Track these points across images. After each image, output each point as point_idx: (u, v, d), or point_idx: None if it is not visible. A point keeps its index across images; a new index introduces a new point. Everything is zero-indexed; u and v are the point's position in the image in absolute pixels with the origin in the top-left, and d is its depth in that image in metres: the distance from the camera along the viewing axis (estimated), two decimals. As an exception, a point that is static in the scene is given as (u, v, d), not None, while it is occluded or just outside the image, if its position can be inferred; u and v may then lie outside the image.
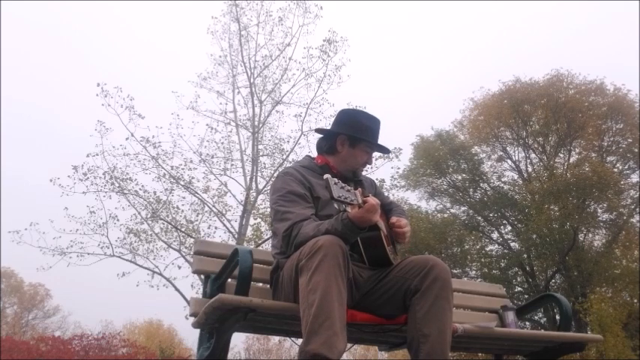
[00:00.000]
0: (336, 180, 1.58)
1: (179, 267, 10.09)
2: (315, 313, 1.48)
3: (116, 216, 10.15)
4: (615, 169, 16.12)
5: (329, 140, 2.07)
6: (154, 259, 10.30)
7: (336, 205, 1.64)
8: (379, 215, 1.75)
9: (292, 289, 1.70)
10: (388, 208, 2.17)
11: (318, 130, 2.19)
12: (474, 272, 16.22)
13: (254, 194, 10.18)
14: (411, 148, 17.27)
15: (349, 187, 1.61)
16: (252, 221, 10.47)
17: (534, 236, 15.11)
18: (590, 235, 16.28)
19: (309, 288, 1.52)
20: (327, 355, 1.44)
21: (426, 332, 1.64)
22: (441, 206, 17.74)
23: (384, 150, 2.14)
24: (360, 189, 1.68)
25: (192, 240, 9.93)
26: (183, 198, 10.51)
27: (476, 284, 3.24)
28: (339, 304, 1.51)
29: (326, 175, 1.58)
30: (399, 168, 12.13)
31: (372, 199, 1.65)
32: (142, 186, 10.19)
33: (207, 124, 10.67)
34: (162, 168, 10.22)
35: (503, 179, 17.72)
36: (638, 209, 15.72)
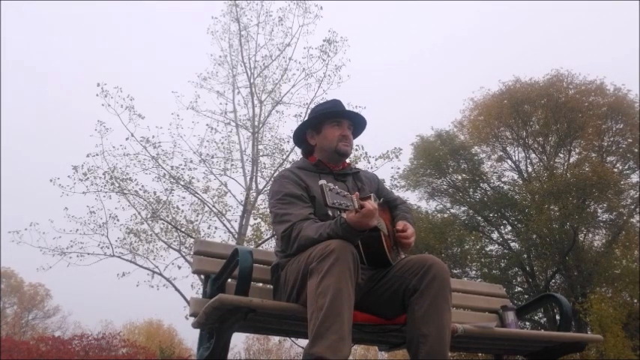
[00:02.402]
0: (331, 186, 1.57)
1: (179, 267, 10.08)
2: (323, 316, 1.47)
3: (116, 216, 10.13)
4: (615, 169, 16.11)
5: (303, 143, 2.10)
6: (154, 259, 10.27)
7: (330, 212, 1.64)
8: (378, 215, 1.75)
9: (296, 291, 1.70)
10: (393, 205, 2.16)
11: (295, 140, 2.19)
12: (474, 272, 16.22)
13: (254, 194, 10.17)
14: (411, 148, 17.28)
15: (345, 193, 1.61)
16: (252, 221, 10.46)
17: (534, 236, 15.11)
18: (590, 235, 16.29)
19: (319, 291, 1.52)
20: (331, 359, 1.44)
21: (425, 332, 1.63)
22: (441, 206, 17.76)
23: (355, 115, 2.06)
24: (356, 193, 1.67)
25: (192, 240, 9.92)
26: (183, 198, 10.50)
27: (476, 284, 3.24)
28: (347, 309, 1.51)
29: (321, 182, 1.57)
30: (399, 168, 12.12)
31: (369, 204, 1.64)
32: (142, 186, 10.17)
33: (207, 125, 10.66)
34: (162, 168, 10.20)
35: (503, 179, 17.74)
36: (638, 209, 15.72)
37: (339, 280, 1.51)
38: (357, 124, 2.11)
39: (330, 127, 2.02)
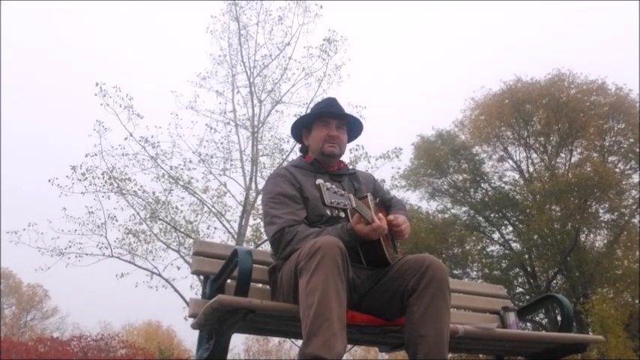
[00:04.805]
0: (328, 185, 1.58)
1: (178, 268, 10.07)
2: (314, 314, 1.47)
3: (115, 216, 10.11)
4: (617, 170, 16.09)
5: (300, 142, 2.12)
6: (153, 259, 10.26)
7: (328, 212, 1.64)
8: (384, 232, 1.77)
9: (291, 291, 1.70)
10: (388, 204, 2.16)
11: (294, 137, 2.22)
12: (474, 273, 16.20)
13: (253, 194, 10.16)
14: (411, 148, 17.26)
15: (343, 192, 1.61)
16: (251, 222, 10.46)
17: (535, 237, 15.09)
18: (592, 235, 16.26)
19: (308, 290, 1.51)
20: (326, 357, 1.43)
21: (423, 333, 1.62)
22: (442, 206, 17.74)
23: (343, 115, 2.04)
24: (351, 194, 1.67)
25: (191, 240, 9.90)
26: (183, 198, 10.50)
27: (477, 285, 3.23)
28: (337, 305, 1.50)
29: (318, 181, 1.58)
30: (399, 168, 12.08)
31: (380, 222, 1.71)
32: (141, 186, 10.17)
33: (206, 124, 10.67)
34: (162, 168, 10.21)
35: (504, 179, 17.70)
36: (639, 209, 15.69)
37: (326, 277, 1.51)
38: (351, 123, 2.10)
39: (318, 127, 2.03)
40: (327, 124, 2.02)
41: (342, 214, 1.72)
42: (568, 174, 15.76)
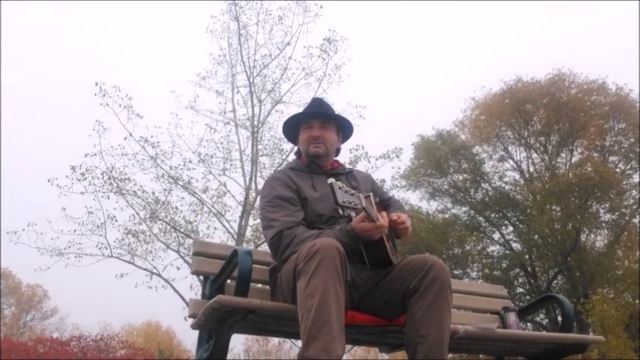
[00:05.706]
0: (340, 184, 1.59)
1: (178, 268, 10.07)
2: (313, 318, 1.47)
3: (114, 216, 10.11)
4: (617, 170, 16.08)
5: (296, 144, 2.14)
6: (153, 259, 10.26)
7: (340, 211, 1.64)
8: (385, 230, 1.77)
9: (290, 292, 1.69)
10: (387, 204, 2.16)
11: (290, 140, 2.24)
12: (475, 273, 16.20)
13: (253, 194, 10.15)
14: (411, 148, 17.26)
15: (353, 191, 1.62)
16: (251, 222, 10.46)
17: (536, 237, 15.08)
18: (592, 235, 16.24)
19: (307, 292, 1.51)
20: None
21: (424, 333, 1.62)
22: (442, 206, 17.73)
23: (319, 114, 2.02)
24: (360, 194, 1.67)
25: (191, 241, 9.90)
26: (182, 198, 10.50)
27: (477, 285, 3.22)
28: (336, 308, 1.50)
29: (330, 180, 1.59)
30: (399, 168, 12.13)
31: (384, 220, 1.71)
32: (141, 186, 10.18)
33: (206, 124, 10.69)
34: (161, 168, 10.22)
35: (504, 179, 17.69)
36: None
37: (325, 280, 1.51)
38: (342, 123, 2.09)
39: (302, 130, 2.05)
40: (310, 125, 2.02)
41: (353, 214, 1.71)
42: (568, 174, 15.75)
